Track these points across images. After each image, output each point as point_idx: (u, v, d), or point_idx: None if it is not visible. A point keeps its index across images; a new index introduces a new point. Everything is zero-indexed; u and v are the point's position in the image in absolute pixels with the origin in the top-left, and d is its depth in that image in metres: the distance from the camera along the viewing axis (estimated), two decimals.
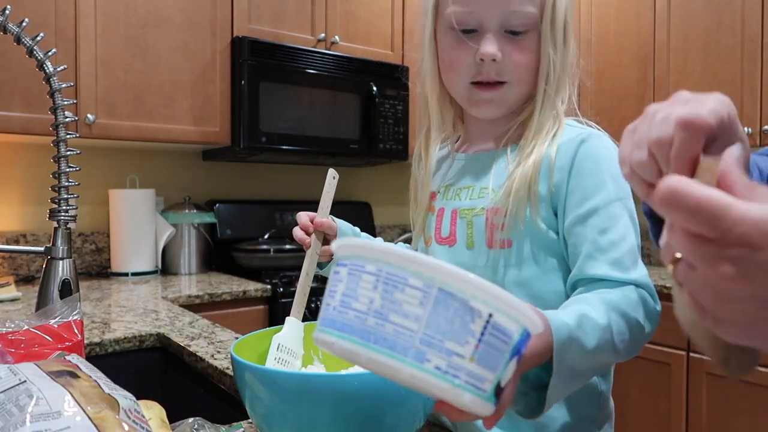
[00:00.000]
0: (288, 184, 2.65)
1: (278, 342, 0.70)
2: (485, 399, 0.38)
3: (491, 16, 0.73)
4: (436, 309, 0.35)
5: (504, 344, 0.37)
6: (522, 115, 0.78)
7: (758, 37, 2.11)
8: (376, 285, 0.36)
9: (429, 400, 0.61)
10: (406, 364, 0.36)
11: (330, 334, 0.39)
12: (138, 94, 1.95)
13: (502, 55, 0.73)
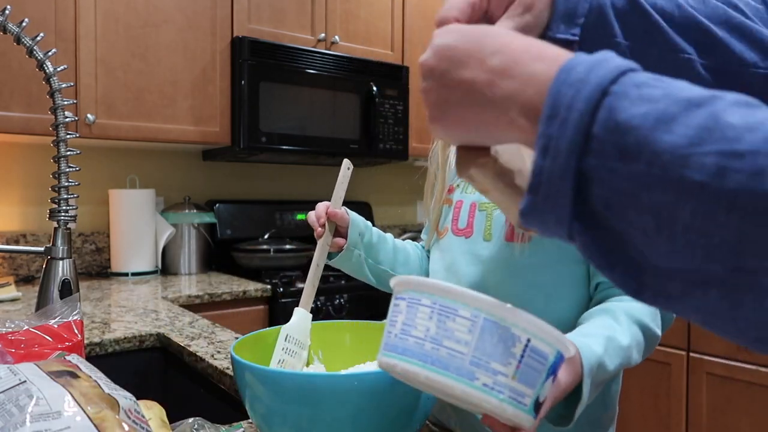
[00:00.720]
0: (288, 184, 2.65)
1: (287, 333, 0.70)
2: (526, 412, 0.43)
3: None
4: (482, 335, 0.42)
5: (541, 365, 0.43)
6: None
7: None
8: (431, 315, 0.43)
9: (429, 401, 0.61)
10: (458, 382, 0.42)
11: (393, 357, 0.45)
12: (138, 94, 1.95)
13: None
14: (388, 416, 0.57)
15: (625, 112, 0.28)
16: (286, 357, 0.70)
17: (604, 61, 0.31)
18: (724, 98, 0.28)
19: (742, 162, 0.25)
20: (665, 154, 0.27)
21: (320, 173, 2.72)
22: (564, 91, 0.30)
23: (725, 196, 0.25)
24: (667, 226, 0.28)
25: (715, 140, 0.26)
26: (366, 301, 2.07)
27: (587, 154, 0.29)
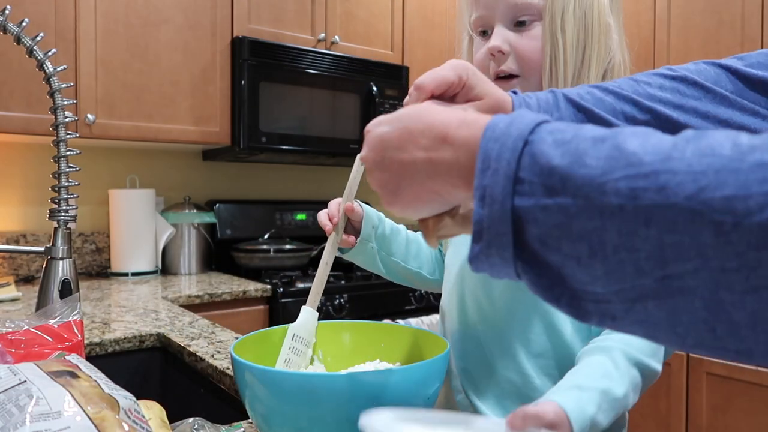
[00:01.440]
0: (288, 184, 2.65)
1: (294, 332, 0.70)
2: None
3: (497, 15, 0.74)
4: None
5: None
6: None
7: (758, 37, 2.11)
8: None
9: (428, 401, 0.61)
10: None
11: None
12: (138, 94, 1.95)
13: (509, 47, 0.73)
14: None
15: (545, 155, 0.33)
16: (292, 356, 0.70)
17: (520, 117, 0.35)
18: (624, 131, 0.32)
19: (648, 181, 0.29)
20: (585, 186, 0.31)
21: (320, 173, 2.72)
22: (491, 146, 0.35)
23: (642, 213, 0.29)
24: (600, 249, 0.31)
25: (622, 167, 0.30)
26: (366, 301, 2.07)
27: (519, 196, 0.33)
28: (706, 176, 0.28)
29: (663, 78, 0.59)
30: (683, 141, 0.30)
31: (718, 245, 0.28)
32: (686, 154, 0.29)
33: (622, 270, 0.31)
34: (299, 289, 1.98)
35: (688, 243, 0.28)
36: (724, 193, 0.27)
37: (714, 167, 0.28)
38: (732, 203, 0.27)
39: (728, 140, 0.29)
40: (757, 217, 0.27)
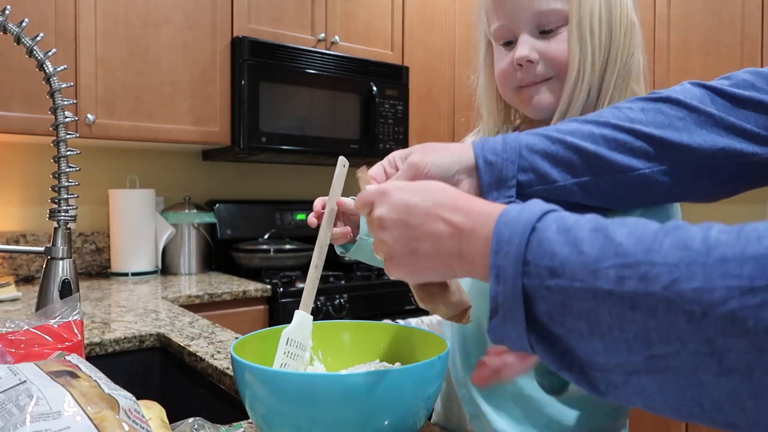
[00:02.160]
0: (288, 184, 2.65)
1: (287, 336, 0.70)
2: None
3: (521, 23, 0.73)
4: None
5: None
6: (564, 112, 0.75)
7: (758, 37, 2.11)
8: None
9: (428, 401, 0.61)
10: None
11: None
12: (138, 94, 1.95)
13: (537, 55, 0.72)
14: (388, 416, 0.57)
15: (549, 241, 0.37)
16: (288, 360, 0.70)
17: (529, 206, 0.41)
18: (615, 222, 0.36)
19: (632, 270, 0.33)
20: (581, 271, 0.35)
21: (320, 173, 2.72)
22: (503, 231, 0.40)
23: (627, 298, 0.33)
24: (597, 327, 0.35)
25: (611, 256, 0.35)
26: (366, 301, 2.07)
27: (527, 277, 0.38)
28: (678, 269, 0.32)
29: (645, 101, 0.60)
30: (663, 233, 0.34)
31: (692, 331, 0.31)
32: (664, 247, 0.33)
33: (616, 346, 0.35)
34: (299, 289, 1.98)
35: (667, 328, 0.32)
36: (693, 286, 0.31)
37: (686, 261, 0.32)
38: (700, 295, 0.31)
39: (700, 233, 0.33)
40: (720, 309, 0.30)
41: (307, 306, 0.72)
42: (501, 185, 0.58)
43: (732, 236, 0.32)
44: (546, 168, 0.58)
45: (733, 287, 0.30)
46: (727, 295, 0.30)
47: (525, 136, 0.60)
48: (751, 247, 0.30)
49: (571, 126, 0.60)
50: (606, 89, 0.72)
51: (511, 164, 0.58)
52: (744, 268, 0.30)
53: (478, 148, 0.59)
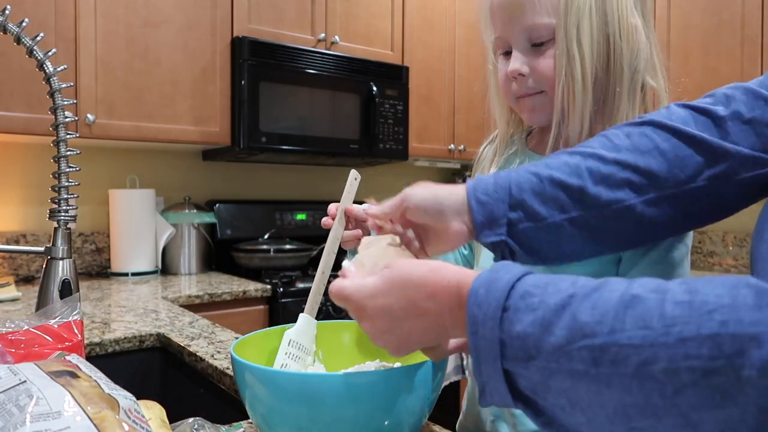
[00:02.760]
0: (288, 184, 2.65)
1: (290, 338, 0.70)
2: None
3: (514, 36, 0.74)
4: None
5: None
6: (558, 125, 0.76)
7: (758, 37, 2.11)
8: None
9: (429, 401, 0.61)
10: None
11: None
12: (138, 94, 1.95)
13: (528, 68, 0.74)
14: (388, 416, 0.57)
15: (519, 323, 0.39)
16: (288, 361, 0.70)
17: (495, 281, 0.42)
18: (577, 297, 0.38)
19: (602, 352, 0.35)
20: (554, 353, 0.37)
21: (320, 173, 2.72)
22: (476, 312, 0.41)
23: (603, 378, 0.35)
24: (577, 403, 0.37)
25: (580, 337, 0.36)
26: None
27: (505, 359, 0.40)
28: (644, 350, 0.34)
29: (631, 126, 0.62)
30: (623, 308, 0.36)
31: (666, 407, 0.33)
32: (626, 326, 0.35)
33: (598, 420, 0.37)
34: (299, 289, 1.98)
35: (643, 404, 0.34)
36: (660, 367, 0.33)
37: (648, 341, 0.34)
38: (668, 376, 0.33)
39: (657, 309, 0.35)
40: (689, 389, 0.32)
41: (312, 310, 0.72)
42: (493, 225, 0.60)
43: (686, 310, 0.34)
44: (535, 205, 0.59)
45: (696, 368, 0.32)
46: (692, 376, 0.32)
47: (515, 173, 0.62)
48: (704, 325, 0.33)
49: (559, 159, 0.61)
50: (614, 92, 0.72)
51: (501, 203, 0.60)
52: (702, 349, 0.32)
53: (471, 190, 0.62)
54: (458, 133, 2.75)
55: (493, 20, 0.76)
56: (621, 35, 0.71)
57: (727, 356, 0.31)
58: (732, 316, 0.32)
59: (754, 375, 0.31)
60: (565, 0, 0.70)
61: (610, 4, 0.71)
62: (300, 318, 0.71)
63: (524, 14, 0.72)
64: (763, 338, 0.31)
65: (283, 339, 0.70)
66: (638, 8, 0.73)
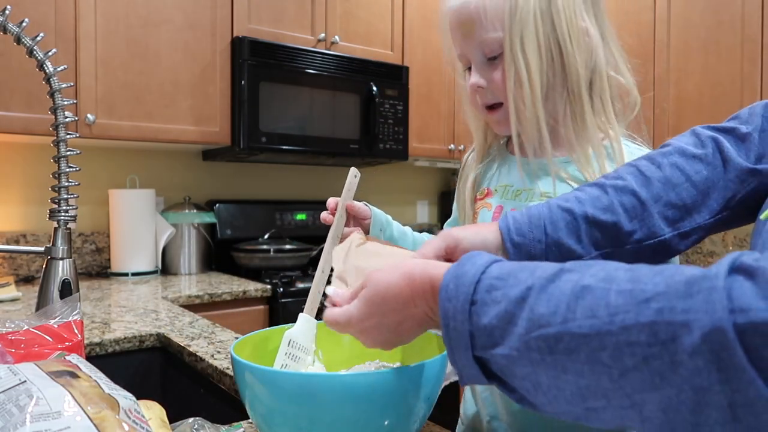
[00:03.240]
0: (288, 184, 2.65)
1: (290, 338, 0.70)
2: None
3: (470, 51, 0.77)
4: None
5: None
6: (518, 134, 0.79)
7: (758, 37, 2.11)
8: None
9: (428, 401, 0.61)
10: None
11: None
12: (138, 94, 1.95)
13: (486, 81, 0.77)
14: (388, 416, 0.57)
15: (486, 315, 0.42)
16: (288, 362, 0.70)
17: (462, 276, 0.45)
18: (534, 288, 0.41)
19: (556, 341, 0.38)
20: (515, 341, 0.41)
21: (320, 173, 2.72)
22: (447, 306, 0.45)
23: (559, 363, 0.39)
24: (539, 386, 0.41)
25: (536, 327, 0.39)
26: None
27: (475, 348, 0.44)
28: (592, 338, 0.37)
29: (660, 155, 0.64)
30: (574, 299, 0.39)
31: (614, 389, 0.37)
32: (577, 315, 0.38)
33: (558, 401, 0.40)
34: (299, 289, 1.98)
35: (595, 386, 0.37)
36: (607, 353, 0.36)
37: (595, 329, 0.37)
38: (614, 360, 0.36)
39: (603, 298, 0.37)
40: (632, 372, 0.35)
41: (312, 310, 0.72)
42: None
43: (627, 298, 0.36)
44: (571, 245, 0.61)
45: (637, 354, 0.35)
46: (634, 361, 0.35)
47: (547, 210, 0.62)
48: (642, 313, 0.35)
49: (591, 194, 0.62)
50: (574, 94, 0.75)
51: (538, 243, 0.61)
52: (641, 336, 0.35)
53: (505, 231, 0.62)
54: (458, 133, 2.75)
55: (453, 39, 0.79)
56: (571, 39, 0.73)
57: (662, 342, 0.34)
58: (666, 304, 0.34)
59: (686, 359, 0.33)
60: (509, 13, 0.72)
61: (556, 11, 0.73)
62: (300, 318, 0.71)
63: (475, 31, 0.74)
64: (693, 325, 0.33)
65: (283, 339, 0.70)
66: (588, 11, 0.75)
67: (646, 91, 2.50)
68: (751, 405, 0.32)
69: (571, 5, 0.73)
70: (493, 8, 0.73)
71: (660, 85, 2.41)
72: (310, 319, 0.71)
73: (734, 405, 0.32)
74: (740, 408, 0.32)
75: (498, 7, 0.73)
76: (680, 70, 2.35)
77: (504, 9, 0.72)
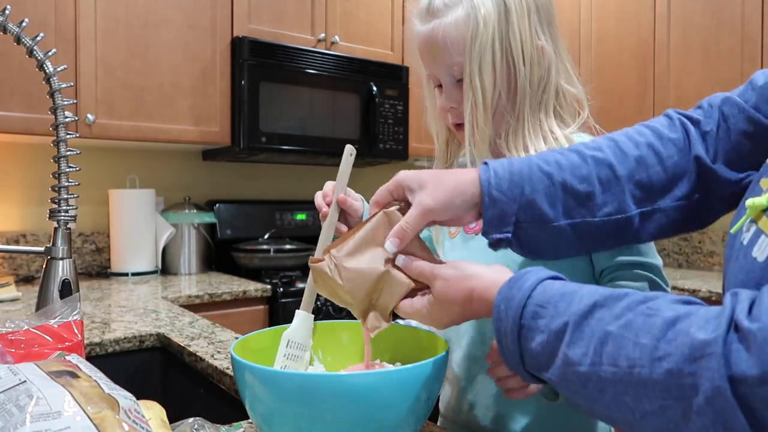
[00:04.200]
0: (288, 184, 2.65)
1: (288, 339, 0.70)
2: None
3: (439, 73, 0.83)
4: None
5: None
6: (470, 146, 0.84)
7: (758, 37, 2.11)
8: None
9: (428, 401, 0.61)
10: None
11: None
12: (138, 94, 1.95)
13: (455, 103, 0.82)
14: (388, 416, 0.57)
15: (532, 341, 0.49)
16: (288, 363, 0.70)
17: (511, 300, 0.51)
18: (569, 325, 0.47)
19: (587, 380, 0.44)
20: (557, 371, 0.47)
21: (320, 173, 2.72)
22: (499, 326, 0.52)
23: (590, 396, 0.45)
24: (577, 405, 0.47)
25: (572, 364, 0.45)
26: None
27: (525, 365, 0.51)
28: (616, 384, 0.42)
29: (639, 134, 0.66)
30: (599, 345, 0.44)
31: (637, 422, 0.42)
32: (602, 361, 0.43)
33: (597, 414, 0.46)
34: (299, 289, 1.98)
35: (621, 419, 0.43)
36: (629, 399, 0.42)
37: (617, 377, 0.42)
38: (636, 403, 0.41)
39: (624, 350, 0.42)
40: (651, 417, 0.41)
41: (309, 305, 0.72)
42: (501, 223, 0.62)
43: (644, 353, 0.41)
44: (544, 207, 0.62)
45: (654, 403, 0.40)
46: (652, 407, 0.40)
47: (528, 170, 0.63)
48: (655, 371, 0.40)
49: (572, 161, 0.64)
50: (524, 107, 0.80)
51: (513, 203, 0.61)
52: (656, 389, 0.40)
53: (485, 185, 0.63)
54: None
55: (422, 60, 0.86)
56: (525, 60, 0.79)
57: (675, 398, 0.39)
58: (674, 366, 0.39)
59: (695, 416, 0.37)
60: (470, 40, 0.77)
61: (513, 35, 0.78)
62: (296, 315, 0.71)
63: (442, 55, 0.80)
64: (699, 389, 0.37)
65: (281, 340, 0.70)
66: (543, 29, 0.81)
67: (645, 91, 2.50)
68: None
69: (527, 27, 0.78)
70: (457, 36, 0.78)
71: (660, 85, 2.41)
72: (307, 315, 0.72)
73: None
74: None
75: (460, 34, 0.77)
76: (680, 71, 2.35)
77: (465, 36, 0.77)
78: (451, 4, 0.78)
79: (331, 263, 0.61)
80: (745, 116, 0.60)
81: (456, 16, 0.77)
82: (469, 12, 0.77)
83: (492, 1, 0.77)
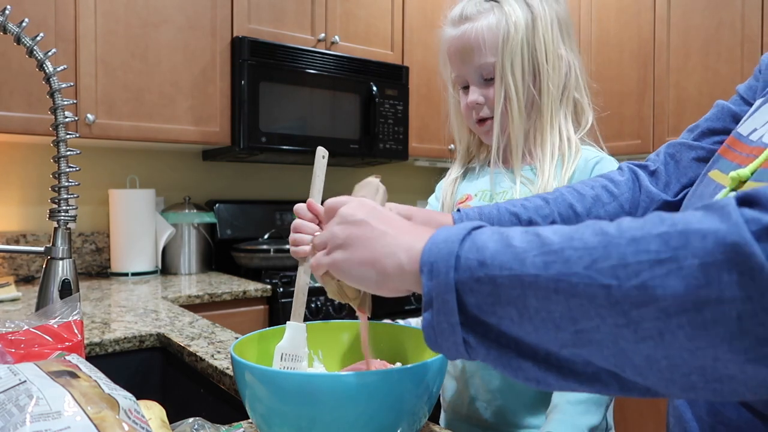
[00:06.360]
0: (288, 184, 2.65)
1: (281, 352, 0.69)
2: None
3: (469, 74, 0.93)
4: None
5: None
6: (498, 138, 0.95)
7: (758, 37, 2.11)
8: None
9: (429, 401, 0.61)
10: None
11: None
12: (138, 94, 1.95)
13: (484, 99, 0.93)
14: (388, 416, 0.57)
15: (481, 240, 0.42)
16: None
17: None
18: (545, 227, 0.41)
19: (556, 256, 0.38)
20: (509, 261, 0.39)
21: None
22: (440, 233, 0.44)
23: (552, 281, 0.37)
24: (525, 312, 0.39)
25: (537, 246, 0.39)
26: None
27: (458, 271, 0.41)
28: (597, 251, 0.36)
29: (597, 184, 0.75)
30: (584, 226, 0.39)
31: (609, 306, 0.35)
32: (585, 235, 0.38)
33: (545, 327, 0.38)
34: None
35: (588, 305, 0.36)
36: (610, 263, 0.35)
37: (603, 243, 0.36)
38: (616, 270, 0.35)
39: (615, 223, 0.37)
40: (633, 281, 0.34)
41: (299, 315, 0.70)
42: None
43: (640, 222, 0.37)
44: None
45: (643, 261, 0.34)
46: (638, 268, 0.34)
47: (497, 212, 0.73)
48: (655, 227, 0.35)
49: (536, 203, 0.74)
50: (546, 106, 0.92)
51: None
52: (651, 245, 0.35)
53: (458, 221, 0.73)
54: None
55: (451, 62, 0.96)
56: (548, 63, 0.90)
57: (673, 248, 0.34)
58: (681, 220, 0.35)
59: (696, 263, 0.33)
60: (502, 42, 0.89)
61: (538, 41, 0.90)
62: (287, 327, 0.70)
63: (474, 57, 0.91)
64: (707, 232, 0.33)
65: (275, 354, 0.69)
66: (565, 40, 0.93)
67: (645, 91, 2.50)
68: (763, 313, 0.31)
69: (551, 36, 0.90)
70: (490, 38, 0.89)
71: (660, 85, 2.41)
72: (298, 326, 0.70)
73: (743, 317, 0.32)
74: (748, 320, 0.32)
75: (494, 36, 0.89)
76: (680, 70, 2.35)
77: (498, 39, 0.89)
78: (484, 10, 0.90)
79: None
80: (687, 146, 0.69)
81: (489, 21, 0.89)
82: (500, 18, 0.89)
83: (521, 10, 0.89)
